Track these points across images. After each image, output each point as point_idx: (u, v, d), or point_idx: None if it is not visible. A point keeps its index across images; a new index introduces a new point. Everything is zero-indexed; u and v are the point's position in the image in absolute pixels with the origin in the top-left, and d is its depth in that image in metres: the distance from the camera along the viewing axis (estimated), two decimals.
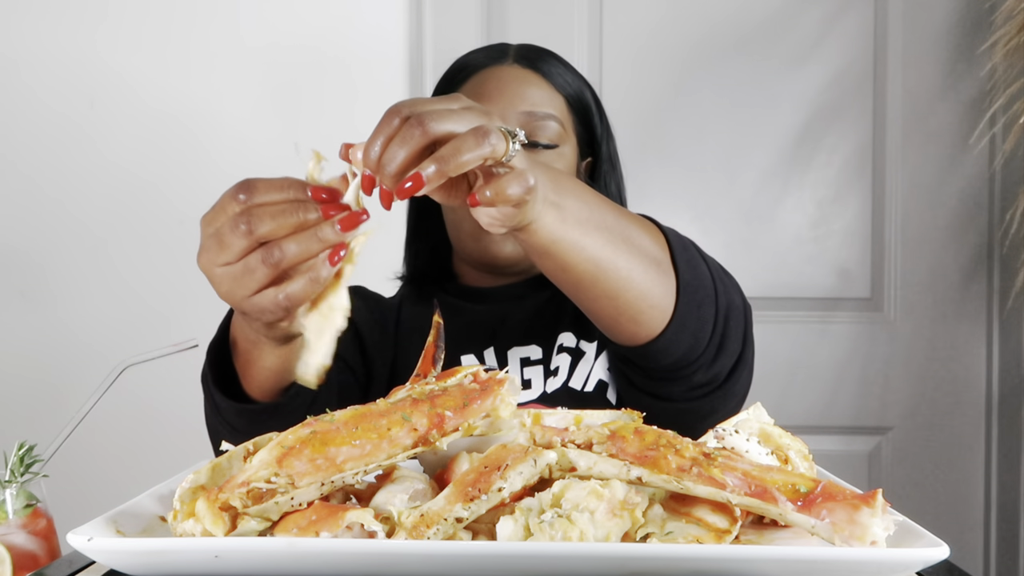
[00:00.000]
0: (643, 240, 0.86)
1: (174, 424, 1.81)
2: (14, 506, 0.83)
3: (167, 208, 1.90)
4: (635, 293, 0.84)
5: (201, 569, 0.56)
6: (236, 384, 0.92)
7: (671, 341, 0.89)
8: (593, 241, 0.80)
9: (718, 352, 0.93)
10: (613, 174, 1.21)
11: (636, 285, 0.84)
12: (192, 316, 1.86)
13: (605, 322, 0.88)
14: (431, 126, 0.67)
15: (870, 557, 0.55)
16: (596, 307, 0.86)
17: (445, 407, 0.62)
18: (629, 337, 0.89)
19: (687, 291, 0.88)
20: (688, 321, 0.89)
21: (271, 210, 0.70)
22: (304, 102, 1.90)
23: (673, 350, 0.90)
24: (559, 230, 0.78)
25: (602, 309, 0.86)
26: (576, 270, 0.81)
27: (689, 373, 0.94)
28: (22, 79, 1.90)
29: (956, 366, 1.94)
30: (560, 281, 0.84)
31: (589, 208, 0.81)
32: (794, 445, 0.69)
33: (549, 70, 1.15)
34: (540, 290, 1.18)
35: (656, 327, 0.88)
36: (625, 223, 0.85)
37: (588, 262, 0.80)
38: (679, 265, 0.88)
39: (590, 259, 0.80)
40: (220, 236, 0.72)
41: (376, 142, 0.68)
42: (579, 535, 0.57)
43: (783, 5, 1.93)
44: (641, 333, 0.88)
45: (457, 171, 0.67)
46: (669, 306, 0.87)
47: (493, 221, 0.74)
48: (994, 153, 1.90)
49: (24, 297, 1.92)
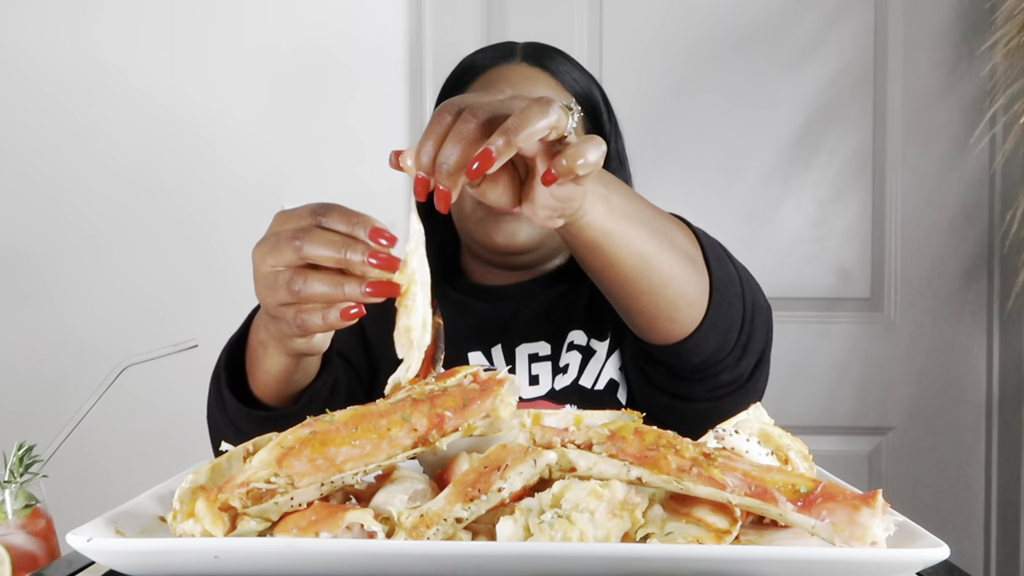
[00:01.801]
0: (680, 237, 0.87)
1: (174, 424, 1.81)
2: (13, 506, 0.83)
3: (167, 207, 1.90)
4: (675, 289, 0.85)
5: (201, 569, 0.56)
6: (246, 385, 0.92)
7: (703, 339, 0.89)
8: (638, 235, 0.80)
9: (744, 351, 0.94)
10: (622, 172, 1.20)
11: (676, 281, 0.84)
12: (192, 316, 1.87)
13: (643, 320, 0.89)
14: (485, 114, 0.65)
15: (870, 557, 0.55)
16: (637, 304, 0.86)
17: (445, 407, 0.62)
18: (664, 335, 0.89)
19: (719, 289, 0.89)
20: (720, 319, 0.89)
21: (328, 238, 0.70)
22: (304, 101, 1.90)
23: (704, 348, 0.91)
24: (609, 223, 0.78)
25: (643, 307, 0.86)
26: (623, 265, 0.81)
27: (716, 372, 0.94)
28: (21, 76, 1.90)
29: (956, 366, 1.94)
30: (606, 277, 0.84)
31: (632, 203, 0.81)
32: (794, 445, 0.69)
33: (557, 68, 1.14)
34: (550, 287, 1.17)
35: (691, 325, 0.88)
36: (663, 220, 0.86)
37: (635, 256, 0.81)
38: (711, 263, 0.89)
39: (636, 253, 0.81)
40: (278, 238, 0.72)
41: (428, 141, 0.67)
42: (579, 535, 0.57)
43: (783, 5, 1.93)
44: (676, 331, 0.89)
45: (527, 141, 0.65)
46: (703, 303, 0.88)
47: (552, 212, 0.72)
48: (994, 153, 1.90)
49: (23, 297, 1.92)
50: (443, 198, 0.67)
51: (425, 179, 0.67)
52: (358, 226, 0.70)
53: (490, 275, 1.20)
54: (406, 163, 0.68)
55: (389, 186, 1.86)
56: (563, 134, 0.68)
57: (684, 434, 0.64)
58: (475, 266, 1.21)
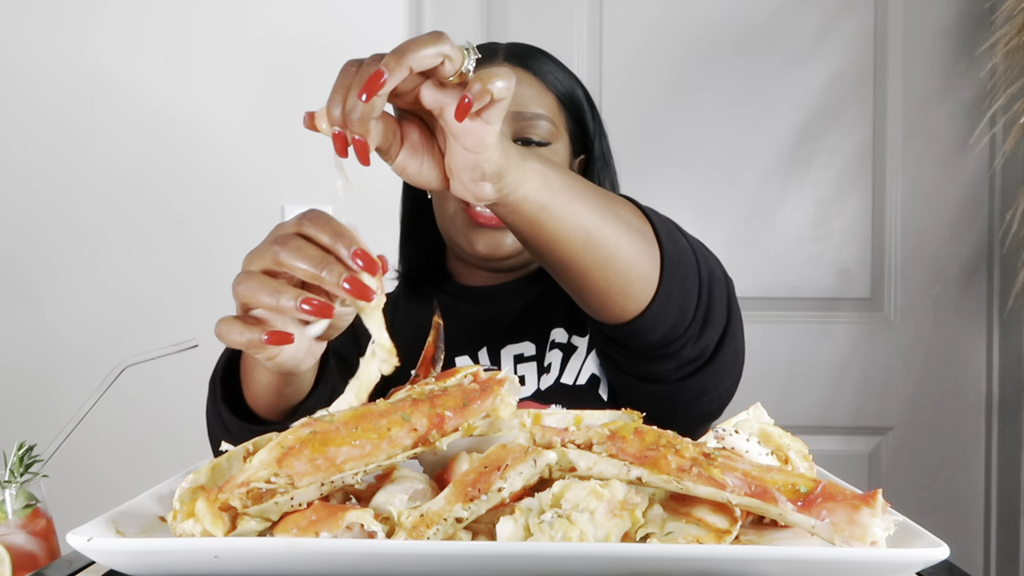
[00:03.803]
0: (625, 212, 0.85)
1: (174, 424, 1.81)
2: (14, 506, 0.83)
3: (167, 208, 1.90)
4: (623, 262, 0.83)
5: (201, 569, 0.56)
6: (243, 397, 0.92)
7: (658, 314, 0.88)
8: (579, 208, 0.79)
9: (704, 324, 0.92)
10: (607, 171, 1.21)
11: (624, 254, 0.83)
12: (191, 316, 1.87)
13: (594, 297, 0.87)
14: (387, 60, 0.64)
15: (870, 557, 0.55)
16: (586, 281, 0.85)
17: (445, 407, 0.62)
18: (618, 312, 0.88)
19: (671, 262, 0.87)
20: (673, 292, 0.88)
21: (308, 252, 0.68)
22: (303, 103, 1.88)
23: (660, 323, 0.89)
24: (545, 195, 0.76)
25: (592, 282, 0.84)
26: (566, 239, 0.80)
27: (677, 348, 0.93)
28: (21, 79, 1.90)
29: (956, 366, 1.94)
30: (551, 255, 0.82)
31: (570, 179, 0.80)
32: (794, 445, 0.69)
33: (539, 68, 1.14)
34: (532, 286, 1.18)
35: (644, 299, 0.87)
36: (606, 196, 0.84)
37: (577, 229, 0.79)
38: (661, 236, 0.87)
39: (578, 226, 0.79)
40: (266, 244, 0.71)
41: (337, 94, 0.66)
42: (579, 535, 0.57)
43: (783, 5, 1.93)
44: (629, 307, 0.87)
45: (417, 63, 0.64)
46: (655, 277, 0.86)
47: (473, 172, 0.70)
48: (994, 153, 1.90)
49: (23, 297, 1.92)
50: (361, 148, 0.67)
51: (342, 134, 0.66)
52: (340, 242, 0.68)
53: (476, 275, 1.20)
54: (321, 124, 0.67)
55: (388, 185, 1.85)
56: (461, 71, 0.66)
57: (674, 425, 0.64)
58: (460, 267, 1.22)
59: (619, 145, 1.25)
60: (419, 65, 0.65)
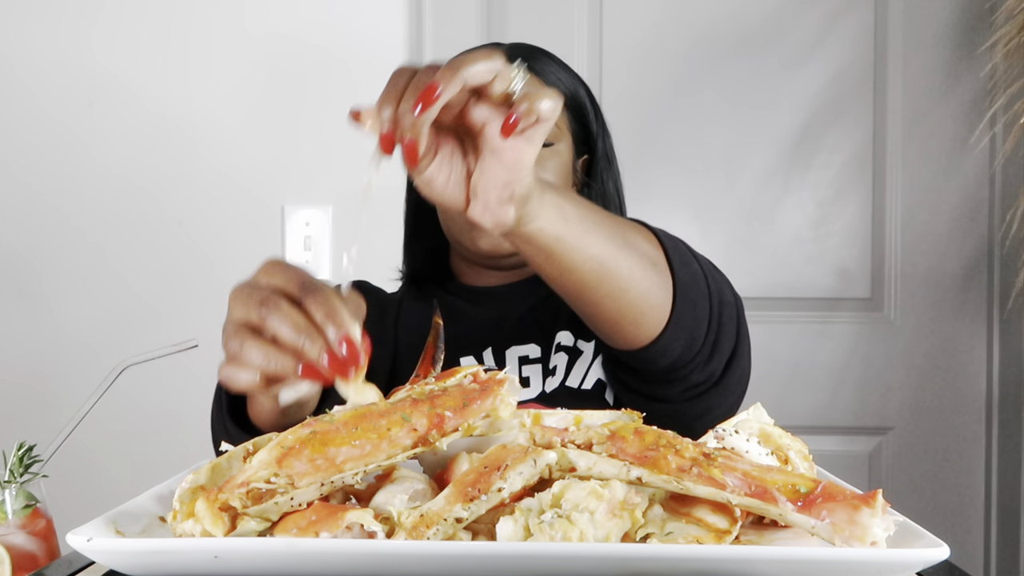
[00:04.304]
0: (639, 240, 0.86)
1: (174, 424, 1.81)
2: (13, 506, 0.83)
3: (166, 208, 1.90)
4: (636, 293, 0.83)
5: (201, 569, 0.56)
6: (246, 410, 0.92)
7: (669, 341, 0.89)
8: (594, 239, 0.79)
9: (713, 350, 0.93)
10: (610, 171, 1.20)
11: (637, 284, 0.83)
12: (191, 316, 1.87)
13: (606, 326, 0.88)
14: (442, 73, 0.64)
15: (870, 557, 0.55)
16: (598, 311, 0.85)
17: (445, 407, 0.62)
18: (629, 340, 0.89)
19: (683, 289, 0.87)
20: (685, 320, 0.88)
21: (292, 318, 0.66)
22: (303, 104, 1.90)
23: (671, 351, 0.90)
24: (561, 227, 0.76)
25: (604, 312, 0.85)
26: (581, 270, 0.80)
27: (686, 373, 0.94)
28: (19, 80, 1.90)
29: (956, 366, 1.94)
30: (564, 284, 0.82)
31: (586, 209, 0.80)
32: (794, 445, 0.69)
33: (542, 68, 1.14)
34: (537, 287, 1.18)
35: (656, 328, 0.87)
36: (621, 224, 0.85)
37: (592, 260, 0.79)
38: (674, 264, 0.88)
39: (593, 257, 0.79)
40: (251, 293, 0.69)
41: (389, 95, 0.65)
42: (579, 535, 0.57)
43: (783, 5, 1.93)
44: (641, 335, 0.88)
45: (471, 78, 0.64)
46: (667, 305, 0.87)
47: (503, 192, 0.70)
48: (994, 153, 1.90)
49: (23, 297, 1.92)
50: (411, 150, 0.66)
51: (390, 134, 0.66)
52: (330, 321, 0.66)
53: (480, 276, 1.20)
54: (367, 122, 0.67)
55: (388, 185, 1.85)
56: (509, 91, 0.66)
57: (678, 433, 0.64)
58: (464, 267, 1.21)
59: (619, 145, 1.25)
60: (473, 81, 0.65)
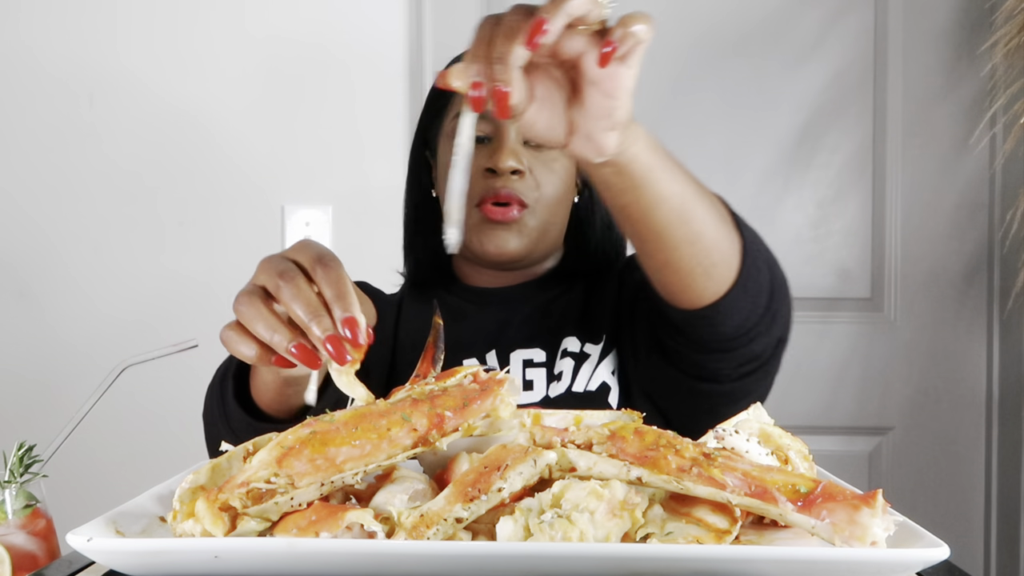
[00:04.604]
0: (709, 191, 0.86)
1: (174, 424, 1.81)
2: (13, 506, 0.83)
3: (167, 207, 1.90)
4: (711, 241, 0.83)
5: (201, 569, 0.56)
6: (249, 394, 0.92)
7: (736, 299, 0.88)
8: (679, 175, 0.79)
9: (772, 321, 0.93)
10: None
11: (712, 232, 0.83)
12: (191, 316, 1.87)
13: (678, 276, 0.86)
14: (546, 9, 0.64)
15: (870, 557, 0.55)
16: (674, 256, 0.84)
17: (445, 407, 0.62)
18: (698, 294, 0.88)
19: (750, 251, 0.87)
20: (750, 282, 0.88)
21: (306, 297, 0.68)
22: (304, 101, 1.90)
23: (736, 312, 0.89)
24: (653, 158, 0.76)
25: (680, 259, 0.84)
26: (664, 207, 0.79)
27: (746, 342, 0.93)
28: (21, 75, 1.90)
29: (956, 366, 1.94)
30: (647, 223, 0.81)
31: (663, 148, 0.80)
32: (794, 445, 0.69)
33: None
34: (543, 291, 1.18)
35: (724, 284, 0.86)
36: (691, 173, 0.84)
37: (675, 197, 0.79)
38: (740, 224, 0.88)
39: (677, 195, 0.79)
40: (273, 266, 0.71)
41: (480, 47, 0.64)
42: (579, 535, 0.57)
43: (783, 5, 1.93)
44: (710, 289, 0.87)
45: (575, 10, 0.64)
46: (736, 263, 0.86)
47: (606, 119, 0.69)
48: (994, 153, 1.90)
49: (24, 297, 1.92)
50: (502, 98, 0.64)
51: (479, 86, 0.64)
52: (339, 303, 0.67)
53: (482, 277, 1.19)
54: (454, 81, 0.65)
55: (388, 185, 1.86)
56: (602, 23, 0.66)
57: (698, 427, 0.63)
58: (467, 268, 1.21)
59: None
60: (576, 12, 0.64)
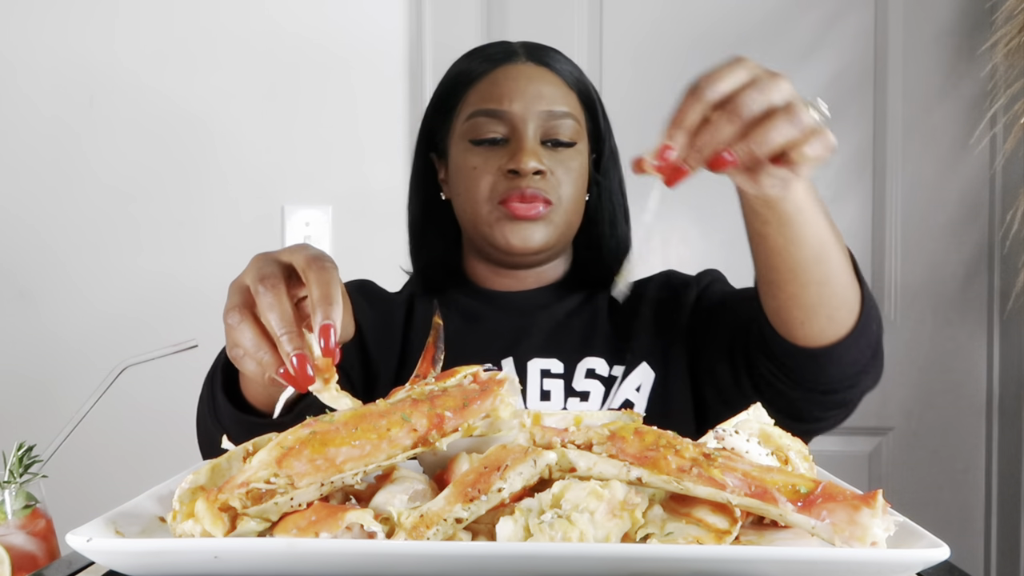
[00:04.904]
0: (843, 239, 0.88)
1: (174, 424, 1.80)
2: (13, 507, 0.83)
3: (166, 207, 1.90)
4: (839, 285, 0.86)
5: (201, 570, 0.56)
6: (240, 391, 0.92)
7: (850, 346, 0.90)
8: (823, 221, 0.83)
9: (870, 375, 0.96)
10: (615, 169, 1.20)
11: (841, 278, 0.86)
12: (191, 316, 1.86)
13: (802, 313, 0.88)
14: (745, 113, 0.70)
15: (870, 558, 0.55)
16: (802, 294, 0.86)
17: (445, 407, 0.62)
18: (816, 335, 0.90)
19: (867, 305, 0.90)
20: (863, 334, 0.90)
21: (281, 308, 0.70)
22: (303, 101, 1.90)
23: (846, 359, 0.91)
24: (804, 199, 0.80)
25: (807, 297, 0.86)
26: (806, 245, 0.82)
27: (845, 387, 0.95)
28: (21, 76, 1.90)
29: (956, 366, 1.94)
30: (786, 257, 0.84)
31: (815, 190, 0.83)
32: (794, 446, 0.69)
33: (560, 67, 1.14)
34: (561, 300, 1.16)
35: (844, 329, 0.89)
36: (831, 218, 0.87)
37: (816, 239, 0.82)
38: (860, 276, 0.90)
39: (817, 236, 0.82)
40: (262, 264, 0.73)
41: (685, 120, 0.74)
42: (579, 536, 0.57)
43: (783, 5, 1.93)
44: (830, 331, 0.89)
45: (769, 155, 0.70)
46: (856, 312, 0.89)
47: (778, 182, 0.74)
48: (995, 153, 1.90)
49: (23, 297, 1.92)
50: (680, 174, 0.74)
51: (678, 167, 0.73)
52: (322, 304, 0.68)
53: (495, 279, 1.17)
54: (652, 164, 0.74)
55: (388, 185, 1.86)
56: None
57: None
58: (480, 269, 1.18)
59: (620, 145, 1.25)
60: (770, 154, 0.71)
